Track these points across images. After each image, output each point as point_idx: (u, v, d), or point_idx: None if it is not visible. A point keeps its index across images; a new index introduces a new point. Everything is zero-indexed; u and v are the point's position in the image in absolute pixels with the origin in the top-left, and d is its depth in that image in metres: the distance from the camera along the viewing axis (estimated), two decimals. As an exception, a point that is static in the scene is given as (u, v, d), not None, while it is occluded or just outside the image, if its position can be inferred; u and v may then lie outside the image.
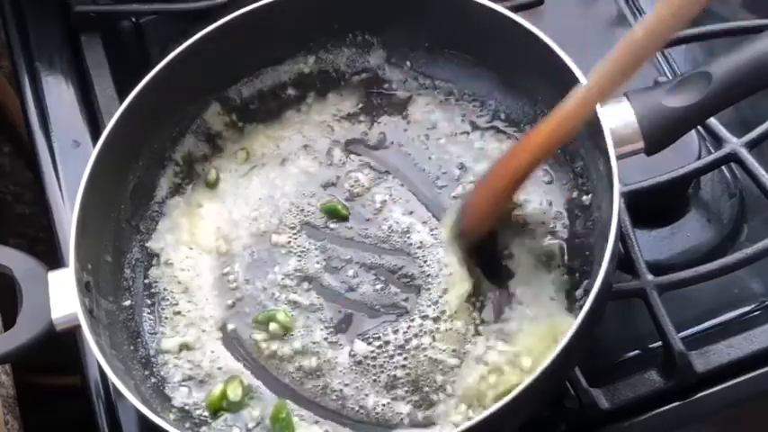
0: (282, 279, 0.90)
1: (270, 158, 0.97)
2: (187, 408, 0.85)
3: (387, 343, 0.85)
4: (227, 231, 0.93)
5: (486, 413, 0.72)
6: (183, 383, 0.86)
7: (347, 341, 0.86)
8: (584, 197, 0.87)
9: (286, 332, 0.87)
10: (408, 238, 0.90)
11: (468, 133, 0.94)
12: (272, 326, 0.87)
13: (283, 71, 0.98)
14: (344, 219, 0.92)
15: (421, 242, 0.89)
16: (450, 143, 0.94)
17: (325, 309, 0.88)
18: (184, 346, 0.88)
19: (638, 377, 0.84)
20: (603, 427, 0.83)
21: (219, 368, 0.87)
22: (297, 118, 0.98)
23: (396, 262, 0.89)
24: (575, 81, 0.81)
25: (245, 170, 0.96)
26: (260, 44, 0.95)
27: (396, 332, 0.85)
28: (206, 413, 0.84)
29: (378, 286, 0.88)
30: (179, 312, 0.89)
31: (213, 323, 0.89)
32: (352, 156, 0.96)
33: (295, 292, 0.89)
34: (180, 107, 0.95)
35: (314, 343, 0.86)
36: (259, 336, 0.87)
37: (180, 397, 0.85)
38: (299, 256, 0.91)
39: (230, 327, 0.89)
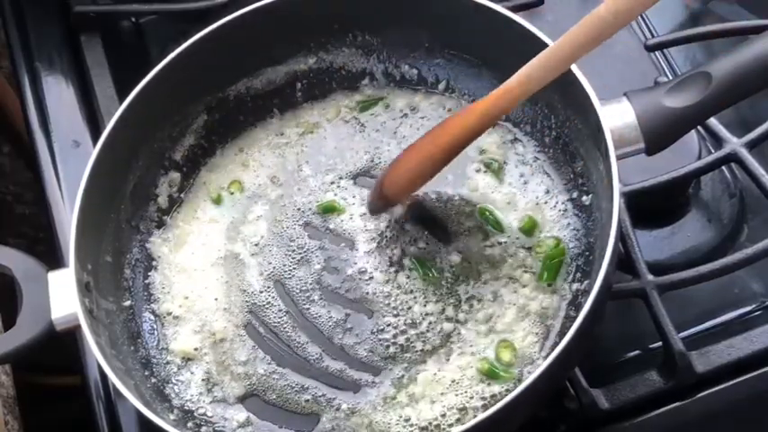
0: (281, 279, 0.90)
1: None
2: (187, 408, 0.85)
3: (387, 341, 0.85)
4: (227, 230, 0.93)
5: (486, 413, 0.72)
6: (183, 384, 0.86)
7: (347, 342, 0.86)
8: (584, 197, 0.87)
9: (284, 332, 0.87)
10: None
11: None
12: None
13: (283, 71, 0.98)
14: (341, 212, 0.92)
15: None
16: None
17: (326, 309, 0.88)
18: (184, 347, 0.88)
19: (638, 377, 0.84)
20: (603, 427, 0.83)
21: (219, 369, 0.87)
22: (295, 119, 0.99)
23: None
24: (574, 80, 0.81)
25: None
26: (260, 44, 0.95)
27: (395, 332, 0.85)
28: (207, 413, 0.84)
29: (377, 286, 0.88)
30: (178, 316, 0.89)
31: (213, 324, 0.89)
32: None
33: (295, 293, 0.89)
34: (180, 107, 0.95)
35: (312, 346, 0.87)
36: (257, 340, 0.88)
37: (180, 397, 0.85)
38: (299, 256, 0.91)
39: (230, 329, 0.88)
